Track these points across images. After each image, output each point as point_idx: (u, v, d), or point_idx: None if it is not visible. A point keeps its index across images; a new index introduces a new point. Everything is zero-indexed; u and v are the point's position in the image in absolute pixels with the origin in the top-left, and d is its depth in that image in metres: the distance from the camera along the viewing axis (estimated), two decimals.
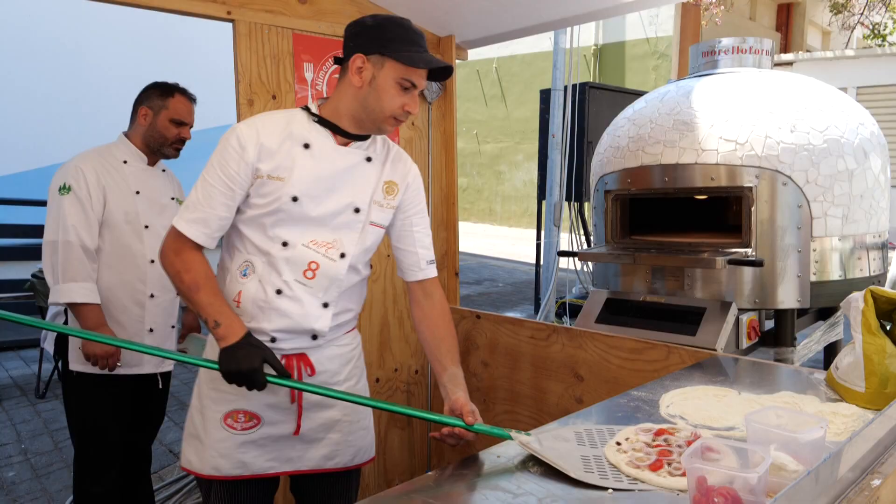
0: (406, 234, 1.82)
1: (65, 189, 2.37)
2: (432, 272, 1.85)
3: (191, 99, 2.60)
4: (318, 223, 1.67)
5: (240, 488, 1.74)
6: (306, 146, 1.65)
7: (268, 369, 1.57)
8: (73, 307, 2.37)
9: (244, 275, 1.67)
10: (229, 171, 1.60)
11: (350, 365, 1.84)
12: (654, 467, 1.29)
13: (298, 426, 1.75)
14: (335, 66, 1.71)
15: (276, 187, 1.62)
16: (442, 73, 1.68)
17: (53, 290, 2.35)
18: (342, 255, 1.69)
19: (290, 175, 1.62)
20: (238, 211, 1.67)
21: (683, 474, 1.25)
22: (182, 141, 2.57)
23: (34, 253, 2.46)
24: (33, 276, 4.58)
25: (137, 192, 2.50)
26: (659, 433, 1.43)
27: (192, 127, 2.61)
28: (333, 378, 1.79)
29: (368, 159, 1.73)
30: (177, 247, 1.63)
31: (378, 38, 1.58)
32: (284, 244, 1.64)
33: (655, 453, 1.34)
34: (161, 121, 2.51)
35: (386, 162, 1.79)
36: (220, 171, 1.60)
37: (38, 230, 2.46)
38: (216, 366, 1.57)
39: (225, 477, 1.71)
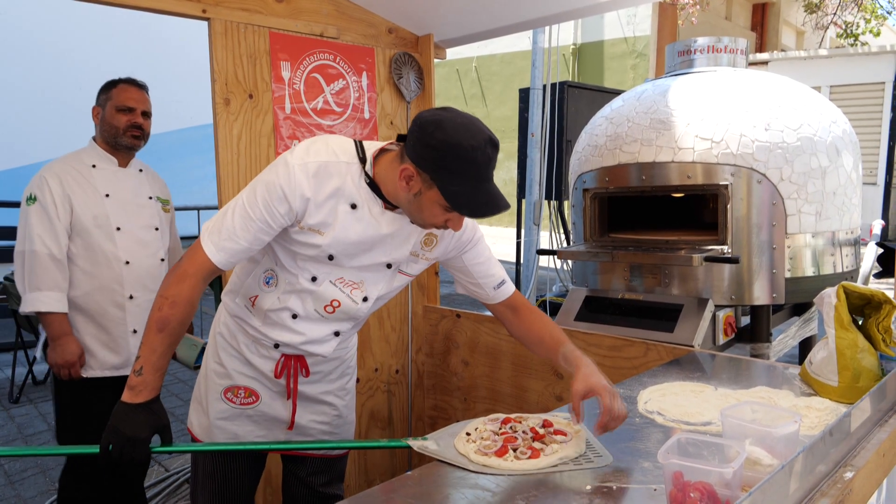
0: (464, 271, 1.79)
1: (31, 200, 2.41)
2: (505, 293, 1.81)
3: (138, 86, 2.57)
4: (347, 268, 1.64)
5: (230, 462, 1.83)
6: (353, 206, 1.56)
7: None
8: (39, 316, 2.40)
9: (267, 283, 1.68)
10: (273, 213, 1.52)
11: (343, 365, 1.89)
12: (500, 453, 1.36)
13: (292, 422, 1.82)
14: (399, 143, 1.55)
15: (315, 239, 1.57)
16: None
17: (23, 299, 2.39)
18: (365, 299, 1.68)
19: (331, 231, 1.56)
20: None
21: (530, 457, 1.35)
22: (137, 127, 2.52)
23: (7, 256, 2.44)
24: (6, 278, 4.50)
25: (107, 195, 2.50)
26: (505, 422, 1.52)
27: (149, 114, 2.57)
28: (326, 378, 1.84)
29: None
30: (187, 271, 1.53)
31: (434, 161, 1.43)
32: (313, 279, 1.63)
33: (502, 440, 1.42)
34: (108, 112, 2.50)
35: None
36: (263, 209, 1.51)
37: (9, 232, 2.45)
38: (92, 449, 1.50)
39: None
